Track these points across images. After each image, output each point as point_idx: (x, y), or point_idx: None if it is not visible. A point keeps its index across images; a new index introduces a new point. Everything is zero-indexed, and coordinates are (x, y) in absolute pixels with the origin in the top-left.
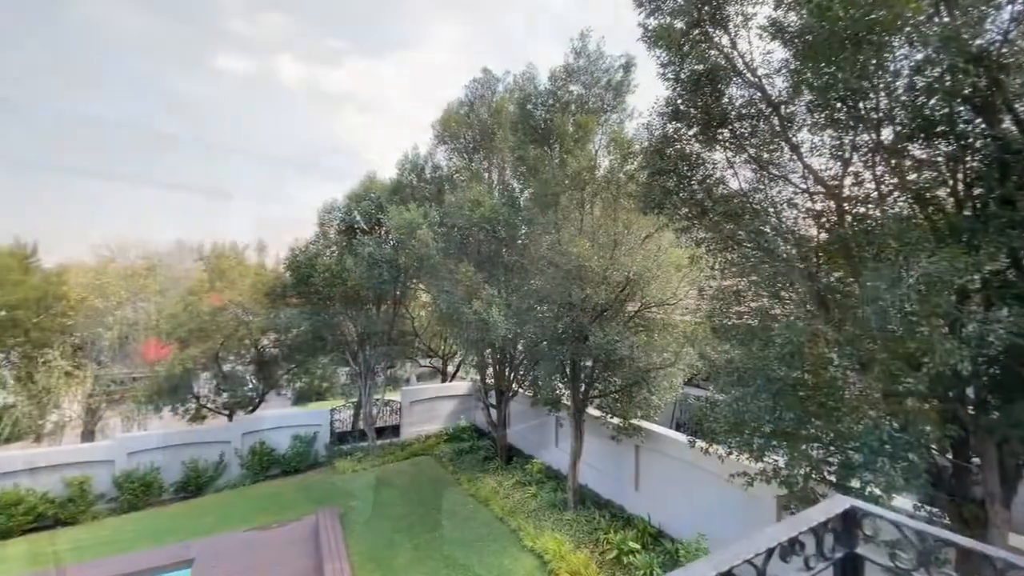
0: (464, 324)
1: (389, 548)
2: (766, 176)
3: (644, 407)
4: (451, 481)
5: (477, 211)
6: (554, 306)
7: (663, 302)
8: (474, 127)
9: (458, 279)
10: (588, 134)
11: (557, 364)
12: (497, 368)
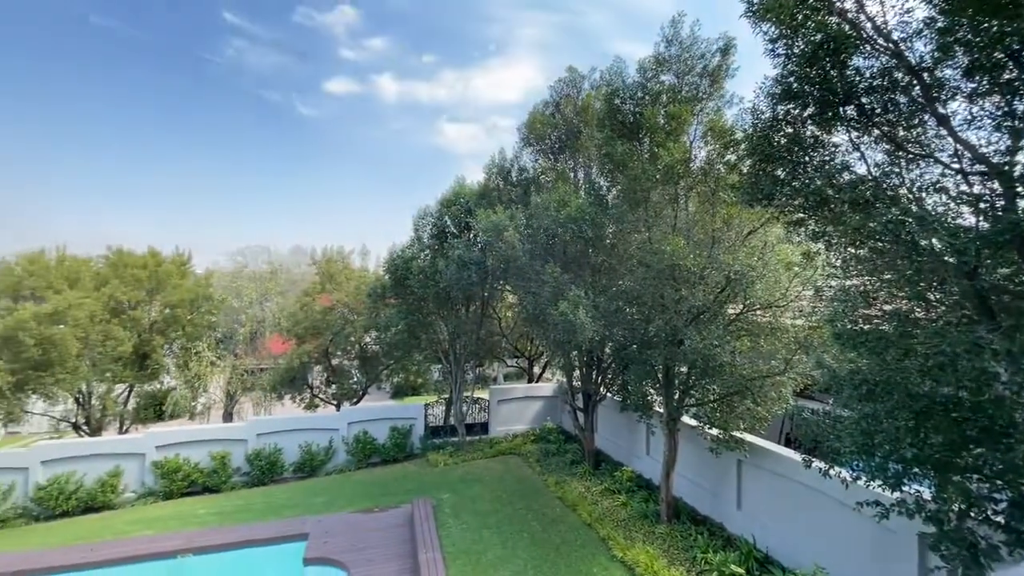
0: (550, 325)
1: (478, 543)
2: (903, 157)
3: (747, 419)
4: (538, 482)
5: (563, 211)
6: (644, 308)
7: (770, 304)
8: (559, 127)
9: (544, 280)
10: (682, 125)
11: (648, 369)
12: (584, 371)
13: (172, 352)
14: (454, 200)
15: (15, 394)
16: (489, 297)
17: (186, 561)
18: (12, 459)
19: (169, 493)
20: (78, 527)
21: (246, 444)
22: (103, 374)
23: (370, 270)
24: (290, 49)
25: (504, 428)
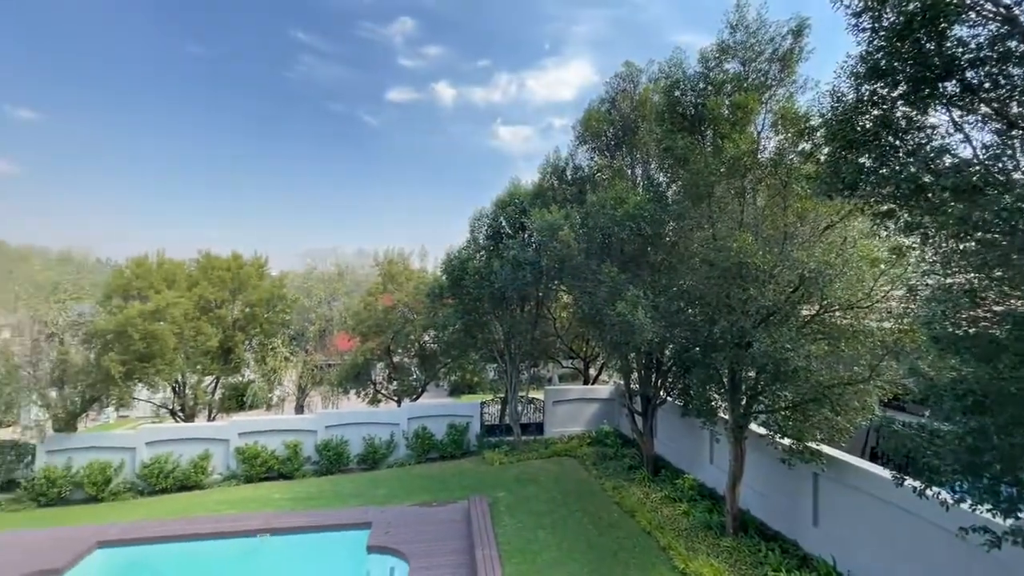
0: (607, 326)
1: (533, 543)
2: (1018, 137)
3: (825, 429)
4: (595, 485)
5: (620, 209)
6: (708, 308)
7: (852, 304)
8: (616, 123)
9: (600, 280)
10: (748, 115)
11: (712, 372)
12: (642, 373)
13: (251, 348)
14: (509, 201)
15: (125, 382)
16: (544, 297)
17: (266, 540)
18: (123, 439)
19: (249, 477)
20: (175, 503)
21: (316, 435)
22: (195, 366)
23: (428, 271)
24: (353, 61)
25: (559, 429)
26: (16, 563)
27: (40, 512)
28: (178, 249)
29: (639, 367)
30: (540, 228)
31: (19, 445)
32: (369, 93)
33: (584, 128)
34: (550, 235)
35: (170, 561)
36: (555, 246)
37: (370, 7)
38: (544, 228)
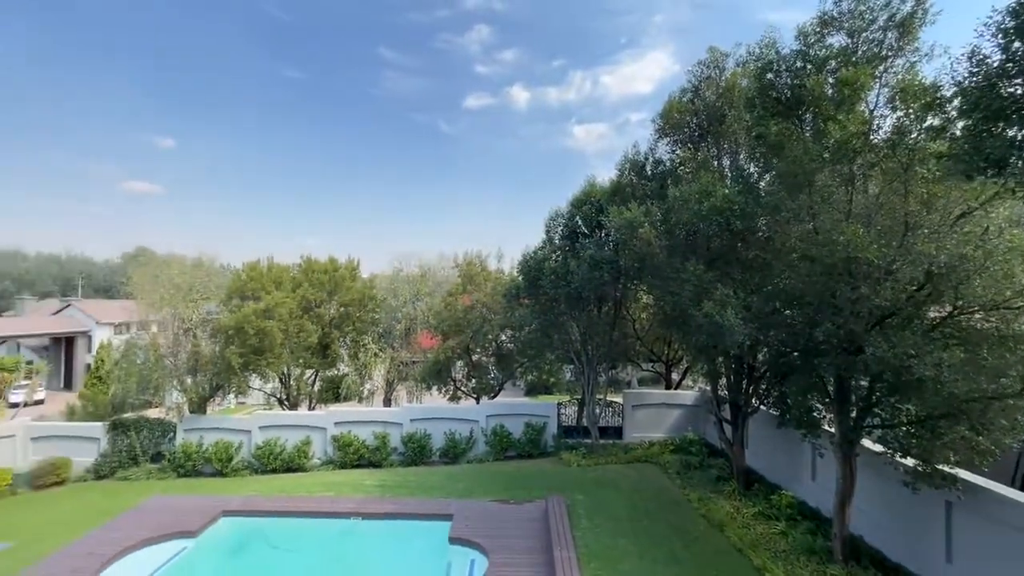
0: (692, 328)
1: (613, 549)
2: None
3: (962, 450)
4: (678, 495)
5: (706, 203)
6: (809, 309)
7: (996, 305)
8: (699, 113)
9: (685, 279)
10: (858, 92)
11: (814, 380)
12: (732, 379)
13: (345, 344)
14: (585, 199)
15: (242, 372)
16: (622, 297)
17: (358, 523)
18: (241, 423)
19: (343, 463)
20: (282, 482)
21: (402, 427)
22: (297, 360)
23: (505, 272)
24: (432, 73)
25: (639, 434)
26: (165, 524)
27: (179, 481)
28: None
29: (728, 372)
30: (618, 226)
31: (164, 423)
32: (447, 102)
33: (665, 120)
34: (629, 233)
35: (279, 533)
36: (635, 244)
37: (446, 19)
38: (623, 226)
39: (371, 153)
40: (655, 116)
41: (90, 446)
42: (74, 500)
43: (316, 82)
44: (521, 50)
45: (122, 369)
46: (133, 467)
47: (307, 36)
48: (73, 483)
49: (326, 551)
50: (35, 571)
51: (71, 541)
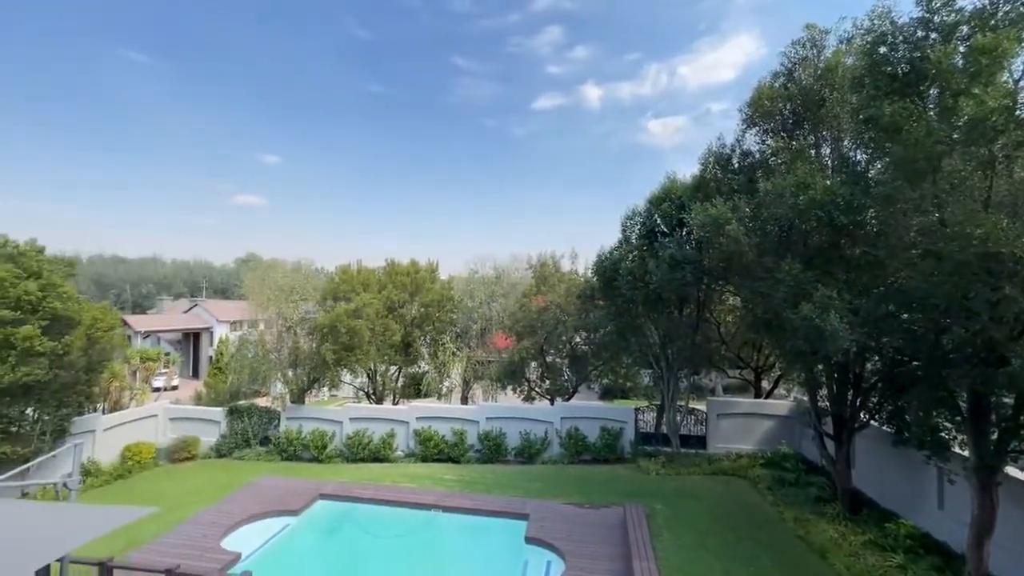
0: (787, 332)
1: (696, 564)
2: None
3: None
4: (771, 513)
5: (803, 196)
6: (933, 312)
7: None
8: (794, 98)
9: (778, 279)
10: (998, 60)
11: (942, 394)
12: (834, 389)
13: (426, 343)
14: (664, 197)
15: (335, 367)
16: (705, 299)
17: (438, 515)
18: (334, 414)
19: (424, 456)
20: (369, 471)
21: (478, 425)
22: (383, 357)
23: (579, 272)
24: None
25: (724, 445)
26: (272, 501)
27: (283, 464)
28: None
29: (830, 381)
30: (702, 223)
31: (270, 411)
32: (518, 105)
33: (753, 109)
34: (714, 231)
35: (367, 518)
36: (720, 243)
37: (517, 23)
38: (707, 223)
39: (446, 160)
40: (742, 105)
41: (213, 428)
42: (201, 474)
43: (395, 95)
44: (593, 47)
45: (237, 362)
46: (246, 448)
47: (387, 52)
48: (200, 459)
49: (409, 539)
50: (173, 535)
51: (199, 510)
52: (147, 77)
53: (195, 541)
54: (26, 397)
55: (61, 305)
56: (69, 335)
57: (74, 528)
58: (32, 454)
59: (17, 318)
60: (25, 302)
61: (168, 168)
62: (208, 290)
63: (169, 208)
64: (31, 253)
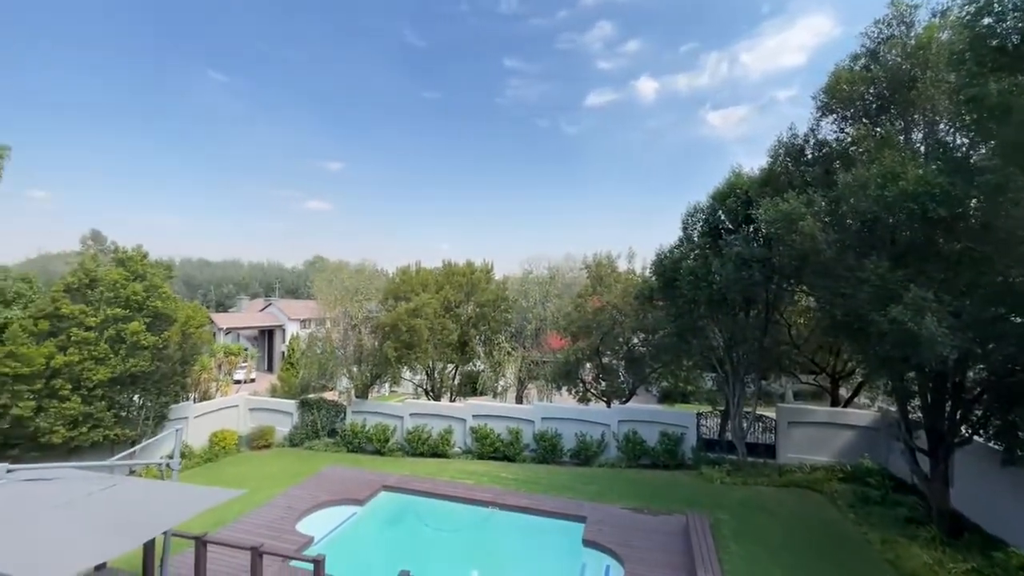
0: (872, 336)
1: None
2: None
3: None
4: (852, 532)
5: (892, 187)
6: None
7: None
8: (878, 81)
9: (862, 278)
10: None
11: None
12: (929, 399)
13: (481, 342)
14: (729, 192)
15: (396, 364)
16: (775, 299)
17: (494, 513)
18: (395, 409)
19: (480, 454)
20: (428, 466)
21: (533, 425)
22: (440, 355)
23: (636, 272)
24: (554, 75)
25: (797, 456)
26: (339, 490)
27: (348, 455)
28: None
29: (923, 391)
30: (772, 220)
31: (337, 404)
32: (569, 103)
33: (830, 95)
34: (786, 227)
35: (427, 511)
36: (793, 239)
37: (567, 19)
38: (778, 219)
39: (498, 161)
40: (816, 92)
41: (286, 419)
42: (277, 461)
43: (448, 99)
44: (646, 40)
45: (307, 358)
46: (315, 439)
47: (440, 58)
48: (276, 447)
49: (467, 535)
50: (254, 515)
51: (276, 495)
52: (227, 95)
53: (273, 523)
54: (133, 386)
55: (161, 304)
56: (168, 331)
57: (178, 505)
58: (138, 437)
59: (126, 315)
60: (133, 301)
61: (246, 178)
62: (280, 290)
63: (247, 215)
64: (137, 258)
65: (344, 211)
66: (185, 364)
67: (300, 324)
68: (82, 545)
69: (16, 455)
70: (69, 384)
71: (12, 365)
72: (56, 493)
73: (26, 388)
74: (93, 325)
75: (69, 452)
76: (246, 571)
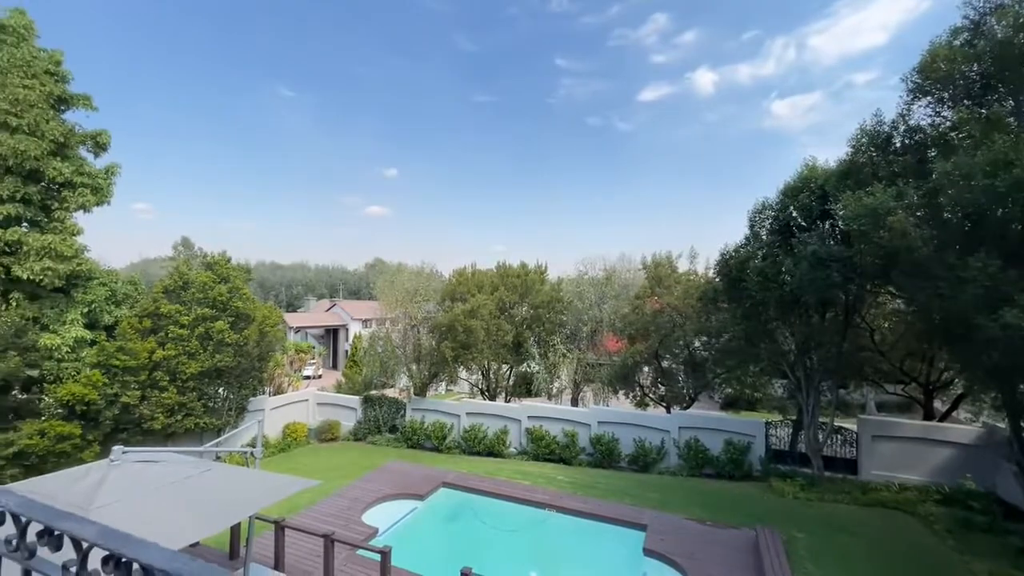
0: (978, 343)
1: None
2: None
3: None
4: (954, 562)
5: (1003, 176)
6: None
7: None
8: (983, 57)
9: (965, 278)
10: None
11: None
12: None
13: (536, 343)
14: (802, 186)
15: (453, 364)
16: (856, 302)
17: (551, 516)
18: (453, 408)
19: (536, 455)
20: (485, 465)
21: (590, 428)
22: (495, 356)
23: (698, 272)
24: (607, 72)
25: (883, 473)
26: (401, 485)
27: (408, 451)
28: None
29: None
30: (856, 215)
31: (397, 401)
32: (621, 99)
33: (924, 75)
34: (872, 223)
35: (484, 510)
36: (881, 236)
37: (619, 15)
38: (862, 214)
39: (550, 161)
40: (906, 73)
41: (351, 414)
42: (343, 454)
43: (500, 102)
44: (703, 30)
45: (369, 356)
46: (377, 434)
47: (492, 62)
48: (341, 440)
49: (524, 535)
50: (323, 505)
51: (342, 486)
52: (294, 109)
53: (340, 512)
54: (218, 379)
55: (242, 304)
56: (247, 329)
57: (262, 491)
58: (223, 426)
59: (213, 315)
60: (218, 302)
61: (311, 186)
62: (344, 291)
63: (312, 220)
64: (221, 262)
65: (401, 215)
66: (262, 360)
67: (362, 324)
68: (183, 523)
69: (124, 438)
70: (167, 376)
71: (122, 358)
72: (161, 474)
73: (132, 379)
74: (186, 323)
75: (166, 437)
76: (319, 556)
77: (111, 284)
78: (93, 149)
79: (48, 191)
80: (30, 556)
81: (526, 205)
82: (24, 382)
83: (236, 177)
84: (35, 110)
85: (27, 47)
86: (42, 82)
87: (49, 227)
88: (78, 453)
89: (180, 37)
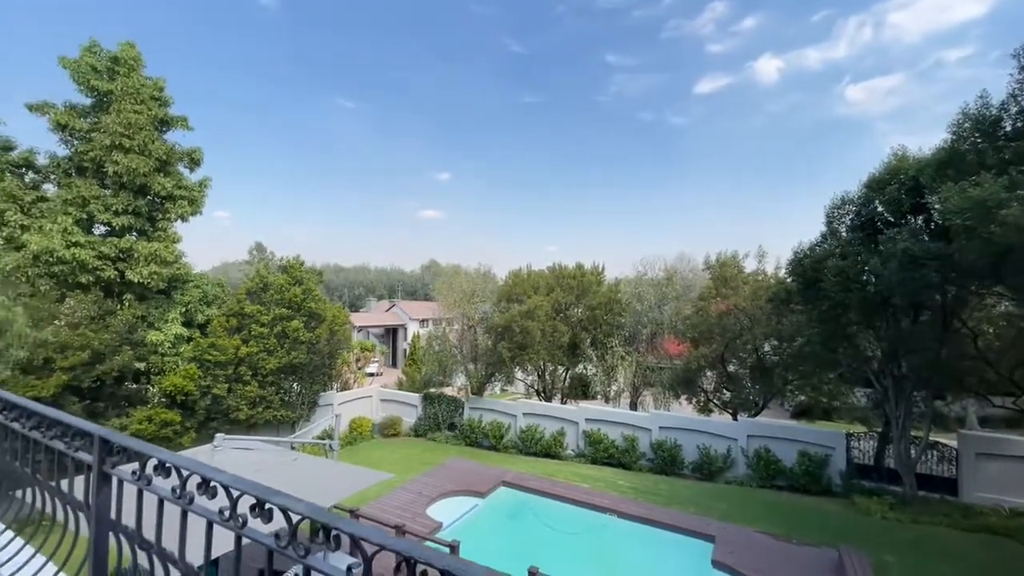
0: None
1: None
2: None
3: None
4: None
5: None
6: None
7: None
8: None
9: None
10: None
11: None
12: None
13: (593, 345)
14: (889, 179)
15: (510, 364)
16: (955, 304)
17: (613, 520)
18: (510, 408)
19: (594, 459)
20: (542, 466)
21: (650, 433)
22: (552, 357)
23: (767, 272)
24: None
25: (989, 495)
26: (462, 482)
27: (467, 449)
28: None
29: None
30: (960, 208)
31: (456, 400)
32: (676, 93)
33: None
34: (980, 217)
35: (544, 511)
36: (992, 232)
37: (673, 6)
38: (968, 207)
39: (603, 159)
40: (1017, 49)
41: (412, 411)
42: (405, 449)
43: (550, 103)
44: (766, 15)
45: (428, 355)
46: (437, 432)
47: (540, 62)
48: (403, 436)
49: (585, 538)
50: (390, 498)
51: (407, 480)
52: (352, 118)
53: (406, 505)
54: (293, 375)
55: (314, 305)
56: (319, 328)
57: (342, 481)
58: (296, 419)
59: (289, 314)
60: (294, 302)
61: (370, 191)
62: (402, 292)
63: (372, 224)
64: (296, 265)
65: (454, 218)
66: (331, 357)
67: (420, 323)
68: None
69: (215, 427)
70: (249, 371)
71: (213, 354)
72: (254, 461)
73: (221, 373)
74: (266, 322)
75: (249, 428)
76: None
77: (203, 286)
78: (189, 165)
79: (153, 204)
80: (242, 526)
81: (577, 204)
82: (134, 374)
83: (301, 185)
84: (143, 132)
85: (136, 76)
86: (149, 107)
87: (154, 235)
88: (178, 438)
89: (245, 56)
